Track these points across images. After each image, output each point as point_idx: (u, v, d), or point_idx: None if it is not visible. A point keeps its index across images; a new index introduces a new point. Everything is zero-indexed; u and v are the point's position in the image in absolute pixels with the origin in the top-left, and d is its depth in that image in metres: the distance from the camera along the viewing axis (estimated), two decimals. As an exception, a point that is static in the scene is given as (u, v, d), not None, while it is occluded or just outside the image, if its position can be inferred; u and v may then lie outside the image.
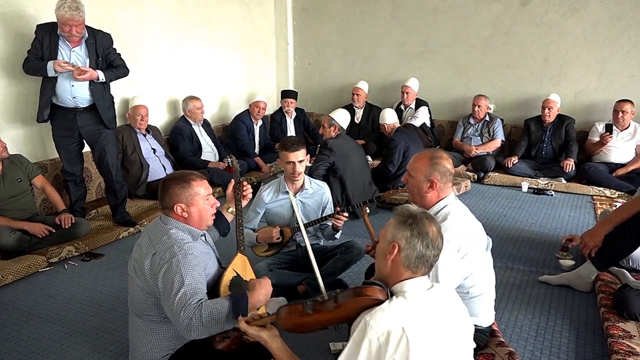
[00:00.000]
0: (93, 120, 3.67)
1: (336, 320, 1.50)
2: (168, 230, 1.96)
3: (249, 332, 1.59)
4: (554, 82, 5.51)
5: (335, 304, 1.45)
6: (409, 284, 1.43)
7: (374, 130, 6.08)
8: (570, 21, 5.31)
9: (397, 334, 1.29)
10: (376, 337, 1.30)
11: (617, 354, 2.17)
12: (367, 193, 4.16)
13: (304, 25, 6.77)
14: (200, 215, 2.01)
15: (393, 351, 1.29)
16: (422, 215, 1.47)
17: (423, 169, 2.03)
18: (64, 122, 3.61)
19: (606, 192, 4.69)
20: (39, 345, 2.45)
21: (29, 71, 3.50)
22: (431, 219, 1.49)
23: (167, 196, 1.98)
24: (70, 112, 3.59)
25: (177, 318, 1.81)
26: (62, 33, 3.42)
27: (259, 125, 5.71)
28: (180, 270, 1.84)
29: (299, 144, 2.91)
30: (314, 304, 1.51)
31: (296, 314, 1.52)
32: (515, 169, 5.19)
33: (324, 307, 1.48)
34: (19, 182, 3.49)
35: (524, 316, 2.65)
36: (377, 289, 1.42)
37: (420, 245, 1.43)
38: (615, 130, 4.95)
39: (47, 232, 3.38)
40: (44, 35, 3.45)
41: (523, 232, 3.87)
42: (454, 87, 6.06)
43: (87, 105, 3.61)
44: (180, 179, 2.00)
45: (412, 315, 1.34)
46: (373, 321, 1.32)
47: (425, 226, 1.44)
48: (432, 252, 1.45)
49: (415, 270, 1.44)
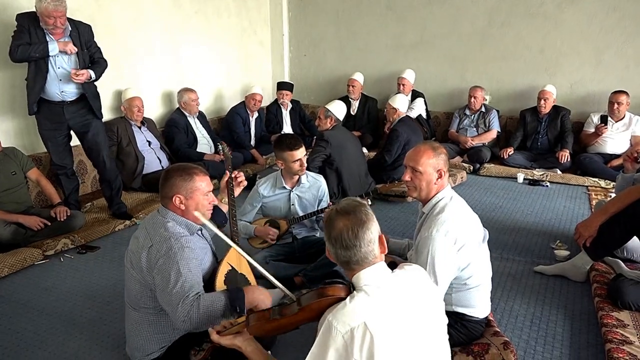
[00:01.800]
0: (82, 110, 3.63)
1: (304, 321, 1.52)
2: (165, 223, 1.96)
3: (222, 342, 1.62)
4: (550, 73, 5.51)
5: (300, 307, 1.48)
6: (366, 276, 1.41)
7: (369, 121, 6.08)
8: (566, 12, 5.31)
9: (360, 330, 1.29)
10: (341, 336, 1.30)
11: (611, 342, 2.19)
12: (363, 184, 4.15)
13: (299, 16, 6.73)
14: (197, 209, 2.00)
15: (359, 347, 1.29)
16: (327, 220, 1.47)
17: (431, 161, 2.03)
18: (51, 115, 3.55)
19: (601, 182, 4.71)
20: (35, 337, 2.45)
21: (23, 54, 3.34)
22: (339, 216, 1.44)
23: (168, 185, 1.99)
24: (57, 105, 3.54)
25: (174, 311, 1.82)
26: (46, 26, 3.32)
27: (255, 118, 5.69)
28: (177, 263, 1.85)
29: (299, 141, 2.92)
30: (280, 309, 1.55)
31: (264, 320, 1.56)
32: (511, 160, 5.20)
33: (289, 310, 1.52)
34: (13, 175, 3.46)
35: (519, 306, 2.67)
36: (338, 288, 1.44)
37: (340, 250, 1.42)
38: (610, 122, 4.96)
39: (42, 225, 3.37)
40: (30, 25, 3.34)
41: (518, 223, 3.89)
42: (449, 78, 6.05)
43: (74, 98, 3.57)
44: (184, 170, 2.01)
45: (374, 310, 1.34)
46: (335, 321, 1.32)
47: (334, 230, 1.43)
48: (353, 247, 1.41)
49: (355, 268, 1.43)
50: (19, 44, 3.34)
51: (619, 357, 2.09)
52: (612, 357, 2.10)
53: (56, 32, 3.36)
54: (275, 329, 1.60)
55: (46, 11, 3.24)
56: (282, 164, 2.93)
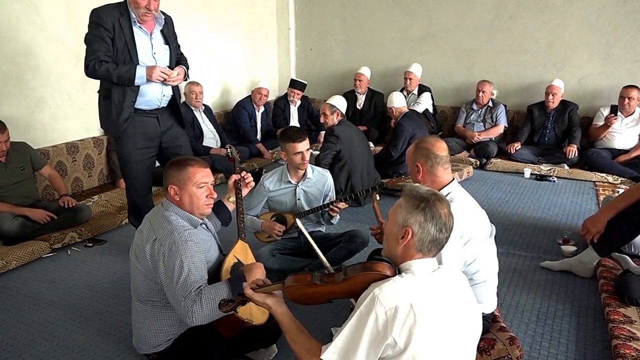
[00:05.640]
0: (170, 119, 3.04)
1: (342, 294, 1.48)
2: (169, 217, 1.96)
3: (254, 298, 1.56)
4: (558, 68, 5.46)
5: (344, 277, 1.44)
6: (417, 264, 1.42)
7: (376, 116, 6.06)
8: (574, 5, 5.25)
9: (405, 310, 1.29)
10: (384, 312, 1.29)
11: (618, 338, 2.18)
12: (370, 179, 4.15)
13: (306, 10, 6.70)
14: (191, 201, 1.99)
15: (400, 327, 1.29)
16: (434, 198, 1.44)
17: (410, 155, 2.10)
18: (145, 129, 2.90)
19: (609, 178, 4.67)
20: (43, 329, 2.47)
21: (101, 75, 2.72)
22: (442, 200, 1.46)
23: (165, 176, 2.02)
24: (152, 114, 2.92)
25: (179, 305, 1.83)
26: (137, 10, 2.66)
27: (261, 112, 5.68)
28: (180, 257, 1.85)
29: (304, 133, 2.91)
30: (323, 275, 1.49)
31: (304, 283, 1.49)
32: (518, 155, 5.17)
33: (333, 279, 1.46)
34: (21, 170, 3.49)
35: (525, 301, 2.66)
36: (386, 265, 1.43)
37: (434, 229, 1.42)
38: (620, 116, 4.91)
39: (48, 218, 3.39)
40: (114, 22, 2.67)
41: (525, 218, 3.87)
42: (456, 72, 6.01)
43: (167, 102, 2.98)
44: (179, 161, 2.04)
45: (420, 293, 1.34)
46: (382, 295, 1.31)
47: (437, 209, 1.43)
48: (445, 234, 1.44)
49: (426, 253, 1.44)
50: (99, 57, 2.68)
51: (626, 353, 2.07)
52: (618, 353, 2.09)
53: (147, 19, 2.74)
54: (310, 296, 1.51)
55: None
56: (285, 155, 2.94)
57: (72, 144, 4.23)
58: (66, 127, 4.25)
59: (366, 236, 2.91)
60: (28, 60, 3.85)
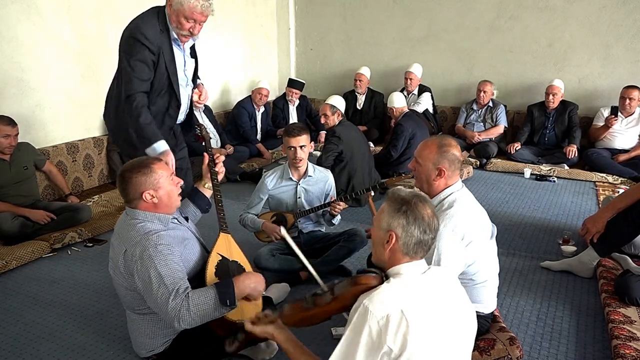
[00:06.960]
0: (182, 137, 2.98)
1: (336, 310, 1.54)
2: (135, 225, 1.91)
3: (255, 331, 1.63)
4: (558, 68, 5.47)
5: (333, 296, 1.50)
6: (405, 267, 1.43)
7: (376, 116, 6.06)
8: (574, 5, 5.25)
9: (397, 317, 1.30)
10: (376, 321, 1.30)
11: (618, 339, 2.18)
12: (371, 180, 4.15)
13: (306, 9, 6.70)
14: (169, 196, 1.97)
15: (394, 334, 1.29)
16: (415, 200, 1.44)
17: (432, 156, 2.01)
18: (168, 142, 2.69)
19: (609, 178, 4.68)
20: (43, 329, 2.47)
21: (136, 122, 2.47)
22: (424, 201, 1.46)
23: (130, 187, 1.91)
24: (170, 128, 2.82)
25: (164, 311, 1.79)
26: (180, 31, 2.50)
27: (261, 112, 5.68)
28: (153, 264, 1.80)
29: (302, 130, 2.91)
30: (314, 298, 1.56)
31: (298, 310, 1.59)
32: (518, 155, 5.17)
33: (322, 300, 1.53)
34: (24, 169, 3.50)
35: (525, 302, 2.66)
36: (371, 277, 1.44)
37: (418, 232, 1.41)
38: (620, 117, 4.91)
39: (48, 219, 3.39)
40: (160, 45, 2.50)
41: (525, 218, 3.87)
42: (457, 72, 6.01)
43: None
44: (139, 166, 1.93)
45: (410, 298, 1.35)
46: (372, 305, 1.32)
47: (420, 211, 1.42)
48: (429, 235, 1.44)
49: (413, 256, 1.44)
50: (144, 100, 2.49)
51: (626, 353, 2.07)
52: (618, 353, 2.09)
53: (186, 40, 2.63)
54: (309, 318, 1.61)
55: (190, 10, 2.42)
56: (283, 149, 2.97)
57: (72, 144, 4.23)
58: (66, 127, 4.25)
59: (364, 235, 2.92)
60: (28, 60, 3.84)
